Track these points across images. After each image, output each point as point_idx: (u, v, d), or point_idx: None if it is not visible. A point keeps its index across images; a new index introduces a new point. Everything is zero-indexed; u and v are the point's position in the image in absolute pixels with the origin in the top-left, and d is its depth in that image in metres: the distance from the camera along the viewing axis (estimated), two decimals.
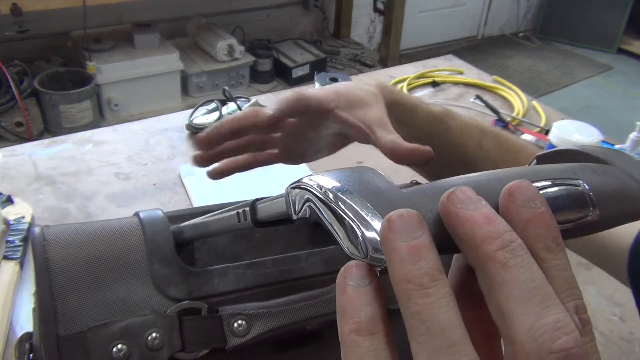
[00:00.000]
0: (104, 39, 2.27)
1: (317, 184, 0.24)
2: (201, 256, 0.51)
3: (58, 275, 0.41)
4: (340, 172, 0.25)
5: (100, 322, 0.39)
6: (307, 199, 0.25)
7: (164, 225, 0.45)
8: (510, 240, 0.21)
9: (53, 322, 0.39)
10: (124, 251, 0.43)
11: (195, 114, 1.11)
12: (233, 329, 0.41)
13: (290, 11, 3.02)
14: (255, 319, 0.41)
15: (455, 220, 0.22)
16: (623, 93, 3.47)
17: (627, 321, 0.76)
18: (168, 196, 0.93)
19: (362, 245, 0.21)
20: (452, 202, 0.22)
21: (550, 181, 0.24)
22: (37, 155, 1.00)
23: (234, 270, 0.45)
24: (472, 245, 0.21)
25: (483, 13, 4.03)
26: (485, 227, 0.21)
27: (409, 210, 0.21)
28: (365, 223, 0.21)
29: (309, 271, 0.47)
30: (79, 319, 0.40)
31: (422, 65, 1.45)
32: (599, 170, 0.27)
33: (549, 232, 0.22)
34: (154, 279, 0.42)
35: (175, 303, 0.42)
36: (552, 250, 0.22)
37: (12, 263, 0.74)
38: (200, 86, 2.44)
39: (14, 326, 0.68)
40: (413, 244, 0.20)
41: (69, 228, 0.45)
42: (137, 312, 0.40)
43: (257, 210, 0.34)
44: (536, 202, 0.22)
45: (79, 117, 2.09)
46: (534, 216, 0.22)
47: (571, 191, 0.24)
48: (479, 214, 0.21)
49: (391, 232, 0.21)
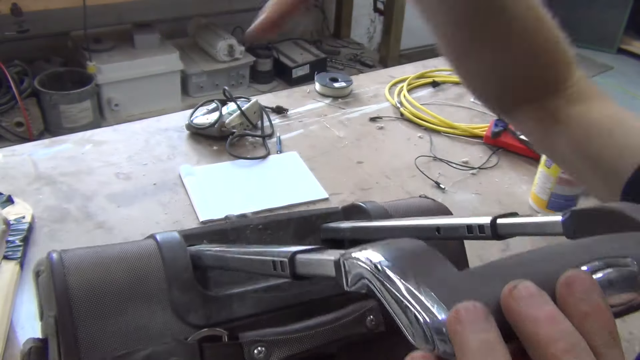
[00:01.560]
0: (104, 39, 2.27)
1: (374, 264, 0.24)
2: (214, 274, 0.51)
3: (79, 303, 0.41)
4: (393, 247, 0.24)
5: (123, 350, 0.39)
6: (363, 276, 0.24)
7: (182, 250, 0.46)
8: (574, 344, 0.21)
9: (75, 350, 0.39)
10: (143, 277, 0.44)
11: (196, 114, 1.11)
12: (253, 355, 0.41)
13: None
14: (275, 345, 0.42)
15: (518, 317, 0.21)
16: (623, 93, 3.47)
17: (627, 321, 0.76)
18: (168, 196, 0.93)
19: (427, 333, 0.21)
20: (515, 299, 0.22)
21: (604, 262, 0.24)
22: (38, 155, 1.00)
23: (252, 294, 0.45)
24: (536, 344, 0.21)
25: None
26: (548, 327, 0.21)
27: (475, 303, 0.21)
28: (429, 312, 0.21)
29: (326, 292, 0.47)
30: (101, 347, 0.40)
31: (422, 65, 1.45)
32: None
33: (607, 327, 0.22)
34: (173, 305, 0.43)
35: (195, 329, 0.42)
36: (609, 346, 0.22)
37: (12, 263, 0.74)
38: (200, 86, 2.44)
39: (14, 326, 0.68)
40: (484, 337, 0.20)
41: (88, 253, 0.45)
42: (157, 339, 0.41)
43: (296, 263, 0.33)
44: (593, 295, 0.22)
45: (79, 117, 2.09)
46: (592, 310, 0.22)
47: (624, 273, 0.24)
48: (543, 312, 0.21)
49: (459, 324, 0.20)
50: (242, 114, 1.09)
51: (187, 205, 0.91)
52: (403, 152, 1.11)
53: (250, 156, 1.05)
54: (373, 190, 0.99)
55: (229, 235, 0.54)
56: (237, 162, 1.03)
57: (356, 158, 1.08)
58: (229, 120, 1.07)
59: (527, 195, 1.00)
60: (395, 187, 1.00)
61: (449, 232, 0.43)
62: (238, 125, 1.09)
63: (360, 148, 1.11)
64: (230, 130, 1.07)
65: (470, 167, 1.07)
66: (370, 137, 1.15)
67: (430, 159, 1.09)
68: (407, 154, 1.10)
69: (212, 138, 1.08)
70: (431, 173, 1.04)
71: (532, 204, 0.98)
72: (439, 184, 1.01)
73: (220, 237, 0.54)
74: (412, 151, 1.11)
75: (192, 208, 0.90)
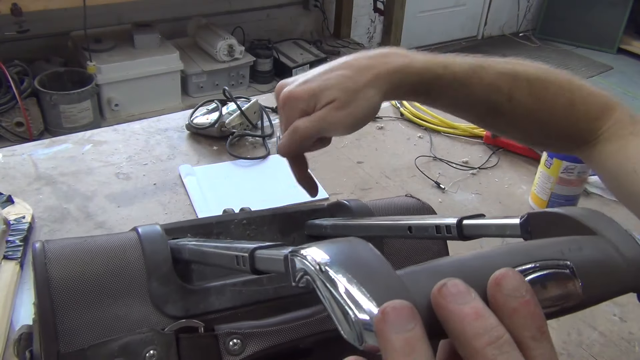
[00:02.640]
0: (104, 39, 2.27)
1: (314, 260, 0.25)
2: (198, 267, 0.52)
3: (59, 293, 0.42)
4: (336, 246, 0.25)
5: (100, 339, 0.40)
6: (305, 272, 0.25)
7: (163, 243, 0.46)
8: (498, 337, 0.22)
9: (54, 339, 0.40)
10: (123, 269, 0.44)
11: (196, 114, 1.11)
12: (228, 347, 0.42)
13: (290, 11, 3.02)
14: (250, 338, 0.42)
15: (446, 313, 0.22)
16: (623, 93, 3.47)
17: (627, 321, 0.76)
18: (168, 196, 0.93)
19: (357, 329, 0.22)
20: (443, 296, 0.22)
21: (538, 263, 0.25)
22: (38, 155, 1.00)
23: (231, 288, 0.46)
24: (462, 339, 0.22)
25: (483, 13, 4.03)
26: (474, 323, 0.22)
27: (402, 302, 0.22)
28: (361, 309, 0.22)
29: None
30: (80, 336, 0.41)
31: None
32: (585, 246, 0.27)
33: (534, 322, 0.23)
34: (152, 297, 0.44)
35: (173, 320, 0.43)
36: (537, 339, 0.23)
37: (12, 263, 0.74)
38: (200, 86, 2.44)
39: (14, 326, 0.68)
40: (406, 336, 0.21)
41: (70, 244, 0.46)
42: (135, 329, 0.41)
43: (255, 259, 0.35)
44: (521, 291, 0.23)
45: (79, 117, 2.09)
46: (520, 306, 0.23)
47: (558, 275, 0.25)
48: (469, 308, 0.22)
49: (385, 324, 0.21)
50: (242, 114, 1.09)
51: (187, 205, 0.91)
52: (403, 152, 1.11)
53: (250, 156, 1.05)
54: (373, 190, 0.99)
55: (213, 230, 0.55)
56: (237, 162, 1.03)
57: (356, 158, 1.08)
58: (229, 120, 1.07)
59: (527, 195, 1.00)
60: (395, 187, 1.00)
61: (419, 231, 0.44)
62: (238, 125, 1.09)
63: (360, 148, 1.11)
64: (230, 130, 1.07)
65: (470, 167, 1.07)
66: (370, 137, 1.15)
67: (430, 159, 1.09)
68: (407, 154, 1.10)
69: (212, 138, 1.08)
70: (431, 173, 1.04)
71: (532, 204, 0.98)
72: (439, 184, 1.01)
73: (204, 232, 0.54)
74: (412, 151, 1.11)
75: (192, 208, 0.90)
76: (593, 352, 0.71)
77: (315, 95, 0.52)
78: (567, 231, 0.29)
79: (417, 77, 0.54)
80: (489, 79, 0.57)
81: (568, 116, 0.60)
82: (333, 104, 0.51)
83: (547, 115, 0.59)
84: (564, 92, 0.59)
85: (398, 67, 0.54)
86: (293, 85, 0.54)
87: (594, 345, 0.72)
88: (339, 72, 0.53)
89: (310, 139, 0.53)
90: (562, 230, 0.29)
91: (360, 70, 0.53)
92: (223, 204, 0.92)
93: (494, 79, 0.57)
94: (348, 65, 0.53)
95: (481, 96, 0.57)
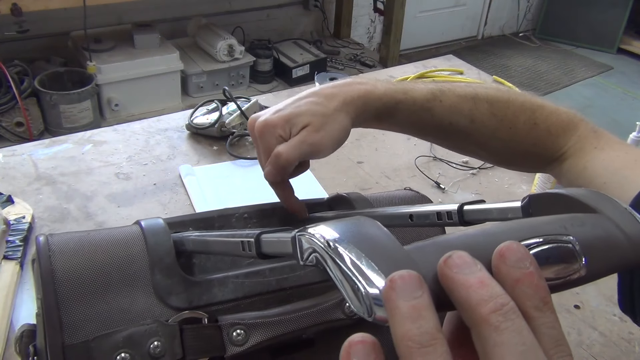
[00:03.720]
0: (104, 39, 2.27)
1: (323, 237, 0.25)
2: (200, 261, 0.52)
3: (63, 286, 0.42)
4: (344, 224, 0.26)
5: (105, 331, 0.40)
6: (314, 250, 0.26)
7: (166, 235, 0.47)
8: (503, 304, 0.22)
9: (59, 331, 0.40)
10: (127, 261, 0.44)
11: (196, 114, 1.11)
12: (232, 338, 0.42)
13: (290, 11, 3.02)
14: (254, 329, 0.43)
15: (452, 283, 0.23)
16: (623, 93, 3.47)
17: (627, 321, 0.76)
18: (168, 196, 0.93)
19: (366, 302, 0.22)
20: (449, 267, 0.23)
21: (542, 238, 0.26)
22: (38, 155, 1.00)
23: (233, 280, 0.46)
24: (467, 307, 0.23)
25: (483, 13, 4.03)
26: (479, 291, 0.23)
27: (410, 271, 0.22)
28: (369, 282, 0.22)
29: (305, 279, 0.48)
30: (84, 328, 0.41)
31: (422, 65, 1.45)
32: (587, 222, 0.28)
33: (538, 292, 0.23)
34: (155, 288, 0.44)
35: (177, 312, 0.43)
36: (540, 309, 0.23)
37: (13, 263, 0.74)
38: (200, 86, 2.44)
39: (14, 326, 0.68)
40: (414, 303, 0.22)
41: (74, 237, 0.46)
42: (139, 321, 0.42)
43: (261, 243, 0.35)
44: (525, 263, 0.24)
45: (79, 117, 2.09)
46: (523, 277, 0.23)
47: (561, 249, 0.26)
48: (474, 277, 0.23)
49: (393, 292, 0.22)
50: (242, 114, 1.09)
51: (187, 205, 0.91)
52: (403, 152, 1.11)
53: (250, 156, 1.05)
54: (373, 190, 0.99)
55: (214, 223, 0.55)
56: (237, 162, 1.03)
57: (356, 158, 1.08)
58: (229, 120, 1.07)
59: None
60: (395, 187, 1.00)
61: (420, 219, 0.44)
62: (238, 125, 1.09)
63: (360, 148, 1.11)
64: (230, 130, 1.07)
65: (470, 167, 1.07)
66: (370, 137, 1.15)
67: (430, 159, 1.09)
68: (407, 154, 1.10)
69: (212, 138, 1.08)
70: (431, 173, 1.04)
71: None
72: (439, 184, 1.01)
73: (206, 225, 0.55)
74: (412, 151, 1.11)
75: (192, 208, 0.90)
76: (593, 352, 0.71)
77: (289, 121, 0.56)
78: (569, 210, 0.30)
79: (380, 103, 0.59)
80: (449, 102, 0.61)
81: (531, 134, 0.63)
82: (309, 128, 0.55)
83: (510, 134, 0.62)
84: (525, 111, 0.62)
85: (362, 94, 0.58)
86: (266, 115, 0.58)
87: (594, 345, 0.72)
88: (309, 99, 0.57)
89: (292, 163, 0.55)
90: (564, 210, 0.30)
91: (328, 97, 0.57)
92: (223, 204, 0.92)
93: (454, 102, 0.61)
94: (315, 94, 0.58)
95: (443, 119, 0.61)
